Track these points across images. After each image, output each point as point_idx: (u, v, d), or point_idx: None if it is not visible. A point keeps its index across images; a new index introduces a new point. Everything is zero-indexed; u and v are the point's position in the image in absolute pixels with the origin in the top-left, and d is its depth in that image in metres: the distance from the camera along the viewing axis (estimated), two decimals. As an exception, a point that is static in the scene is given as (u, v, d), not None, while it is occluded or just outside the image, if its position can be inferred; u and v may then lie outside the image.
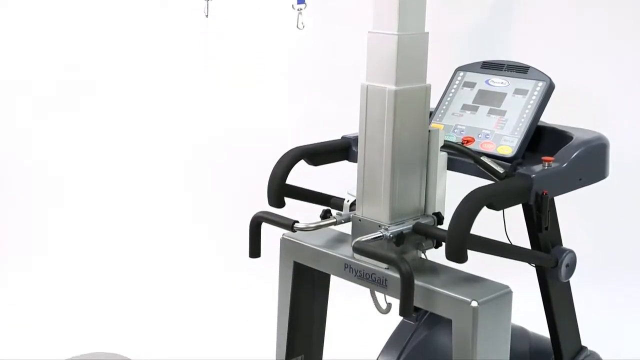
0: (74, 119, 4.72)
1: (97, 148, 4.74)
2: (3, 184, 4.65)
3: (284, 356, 2.89)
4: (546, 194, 2.39)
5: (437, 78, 2.66)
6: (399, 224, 2.43)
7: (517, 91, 2.67)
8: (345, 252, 2.59)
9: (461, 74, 2.84)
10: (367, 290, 2.63)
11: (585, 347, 2.86)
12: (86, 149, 4.73)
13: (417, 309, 3.11)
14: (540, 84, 2.64)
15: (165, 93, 4.78)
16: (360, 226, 2.51)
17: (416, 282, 2.24)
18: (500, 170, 2.44)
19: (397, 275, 2.23)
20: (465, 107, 2.75)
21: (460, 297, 2.29)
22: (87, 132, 4.73)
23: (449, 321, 2.34)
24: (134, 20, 4.71)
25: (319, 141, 2.82)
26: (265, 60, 4.78)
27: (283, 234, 2.77)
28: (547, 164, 2.43)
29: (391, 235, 2.39)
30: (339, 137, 2.88)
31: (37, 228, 4.58)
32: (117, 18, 4.71)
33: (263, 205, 2.67)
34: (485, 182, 2.44)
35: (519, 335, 2.92)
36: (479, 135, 2.65)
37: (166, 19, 4.70)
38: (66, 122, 4.71)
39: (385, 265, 2.43)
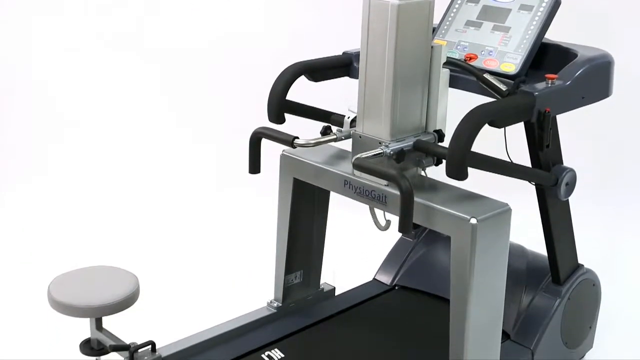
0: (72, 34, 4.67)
1: (94, 63, 4.69)
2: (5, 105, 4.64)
3: (283, 272, 2.92)
4: (548, 111, 2.37)
5: (440, -7, 2.60)
6: (399, 141, 2.42)
7: (522, 7, 2.62)
8: (345, 168, 2.59)
9: (466, -12, 2.78)
10: (367, 207, 2.64)
11: (582, 265, 2.89)
12: (84, 63, 4.69)
13: (416, 226, 3.13)
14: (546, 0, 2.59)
15: (164, 8, 4.72)
16: (360, 143, 2.50)
17: (416, 199, 2.25)
18: (503, 87, 2.41)
19: (397, 192, 2.23)
20: (468, 23, 2.70)
21: (460, 214, 2.30)
22: (86, 47, 4.69)
23: (448, 238, 2.36)
24: None
25: (319, 57, 2.78)
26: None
27: (283, 150, 2.77)
28: (551, 81, 2.41)
29: (391, 152, 2.39)
30: (340, 53, 2.84)
31: (37, 142, 4.57)
32: None
33: (263, 121, 2.66)
34: (488, 99, 2.42)
35: (517, 253, 2.95)
36: (482, 52, 2.61)
37: None
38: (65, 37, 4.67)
39: (385, 182, 2.43)
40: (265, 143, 2.58)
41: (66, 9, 4.67)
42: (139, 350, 2.61)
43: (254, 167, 2.62)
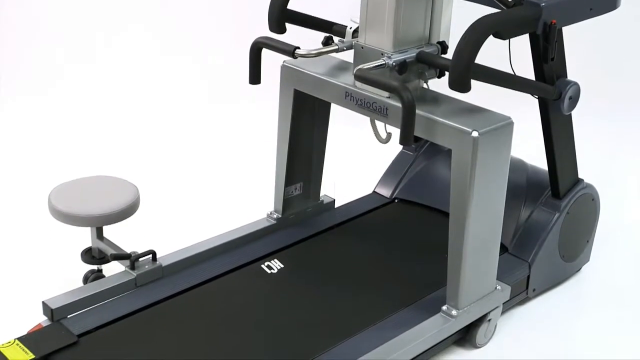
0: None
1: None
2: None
3: (283, 183, 2.93)
4: (554, 23, 2.33)
5: None
6: (402, 52, 2.39)
7: None
8: (346, 80, 2.56)
9: None
10: (368, 119, 2.62)
11: (582, 180, 2.89)
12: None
13: (416, 139, 3.11)
14: None
15: None
16: (362, 54, 2.46)
17: (417, 111, 2.23)
18: (509, -2, 2.36)
19: (399, 104, 2.21)
20: None
21: (461, 127, 2.28)
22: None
23: (448, 151, 2.35)
24: None
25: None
26: None
27: (284, 61, 2.73)
28: (558, -8, 2.36)
29: (394, 64, 2.36)
30: (343, -39, 2.78)
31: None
32: None
33: (264, 31, 2.62)
34: (493, 10, 2.37)
35: (517, 167, 2.94)
36: (489, -39, 2.55)
37: None
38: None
39: (386, 94, 2.41)
40: (266, 56, 2.55)
41: None
42: (140, 259, 2.64)
43: (254, 77, 2.59)
